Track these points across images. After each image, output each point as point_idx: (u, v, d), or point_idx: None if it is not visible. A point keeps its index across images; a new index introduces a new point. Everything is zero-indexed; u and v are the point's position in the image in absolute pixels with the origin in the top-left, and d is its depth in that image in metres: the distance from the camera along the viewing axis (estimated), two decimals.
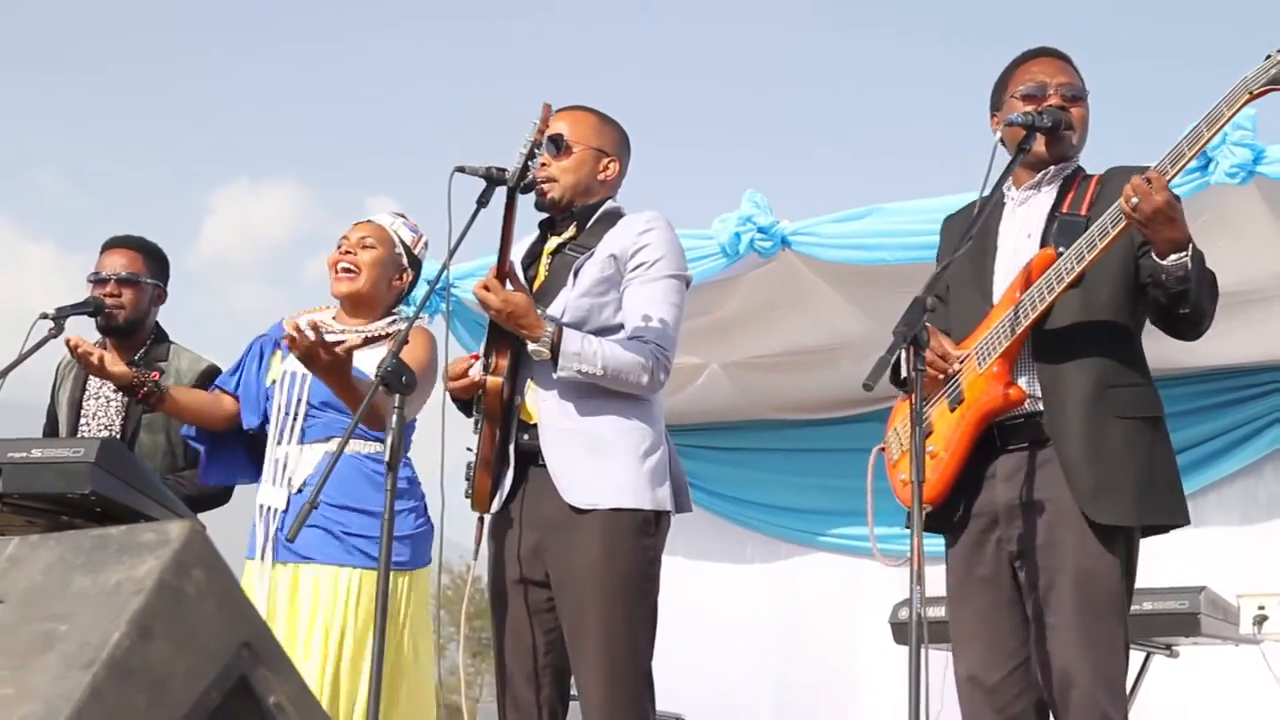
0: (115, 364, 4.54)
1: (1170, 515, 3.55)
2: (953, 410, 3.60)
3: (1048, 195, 3.70)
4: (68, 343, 4.60)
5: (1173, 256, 3.34)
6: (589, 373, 3.70)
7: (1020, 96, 3.69)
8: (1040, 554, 3.49)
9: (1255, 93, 3.24)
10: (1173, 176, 3.32)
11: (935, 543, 3.67)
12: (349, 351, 4.17)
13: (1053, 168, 3.70)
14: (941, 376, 3.62)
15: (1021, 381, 3.56)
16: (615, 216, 3.95)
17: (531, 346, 3.69)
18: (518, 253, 4.03)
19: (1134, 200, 3.27)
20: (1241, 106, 3.28)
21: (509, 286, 3.73)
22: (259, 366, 4.61)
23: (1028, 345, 3.56)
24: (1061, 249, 3.50)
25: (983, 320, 3.62)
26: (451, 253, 3.72)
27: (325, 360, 4.11)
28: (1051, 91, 3.67)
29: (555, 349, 3.67)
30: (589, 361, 3.69)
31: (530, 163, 3.62)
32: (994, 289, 3.67)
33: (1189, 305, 3.40)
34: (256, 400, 4.56)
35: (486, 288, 3.69)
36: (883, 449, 3.80)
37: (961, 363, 3.61)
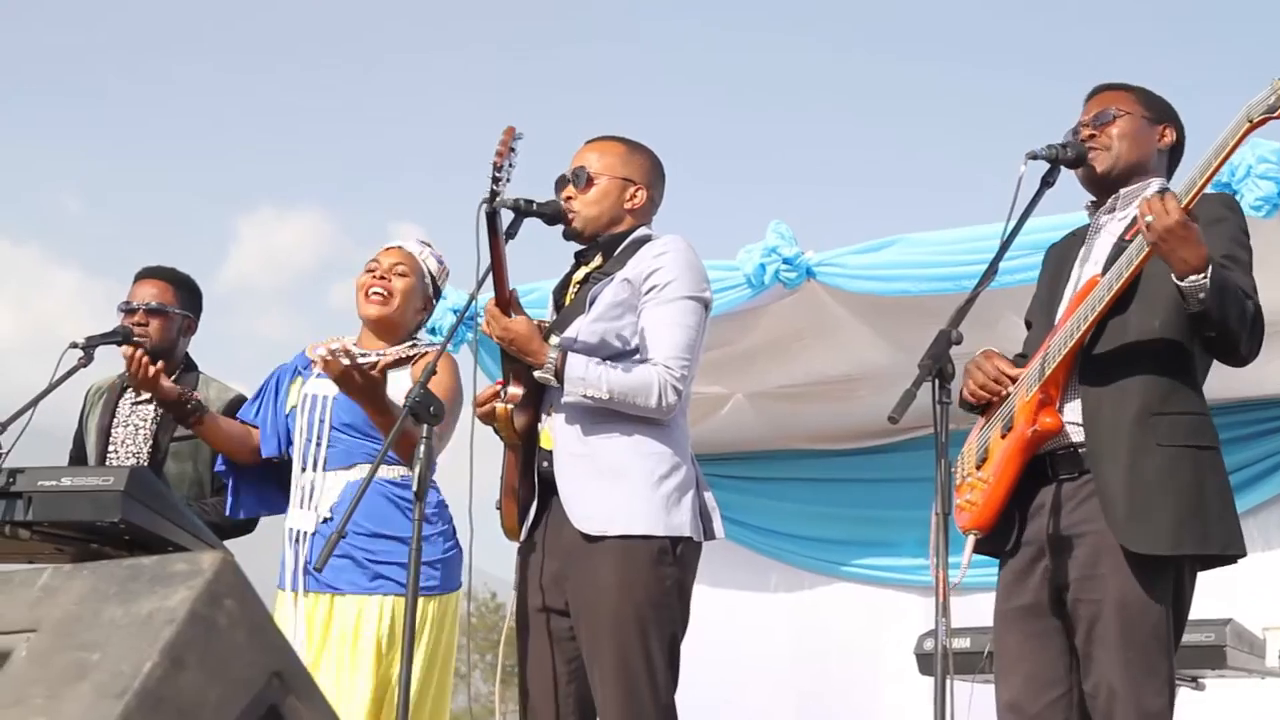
0: (165, 380, 4.58)
1: (1222, 545, 3.50)
2: (1003, 437, 3.60)
3: (1120, 222, 3.70)
4: (127, 353, 4.64)
5: (1191, 278, 3.31)
6: (595, 396, 3.70)
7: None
8: (1085, 586, 3.47)
9: (1255, 121, 3.24)
10: (1188, 204, 3.31)
11: (978, 574, 3.66)
12: (383, 371, 4.21)
13: (1122, 191, 3.71)
14: (996, 398, 3.64)
15: (1069, 408, 3.55)
16: (643, 243, 3.95)
17: (537, 374, 3.71)
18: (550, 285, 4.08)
19: (1148, 219, 3.28)
20: (1245, 135, 3.27)
21: (513, 315, 3.76)
22: (276, 395, 4.64)
23: (1075, 371, 3.55)
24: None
25: (1039, 347, 3.64)
26: (480, 283, 3.75)
27: (360, 383, 4.15)
28: (1084, 125, 3.72)
29: (559, 375, 3.70)
30: (594, 385, 3.70)
31: (496, 186, 3.62)
32: (1059, 317, 3.67)
33: (1213, 327, 3.38)
34: (274, 428, 4.59)
35: (490, 316, 3.74)
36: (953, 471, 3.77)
37: (1014, 388, 3.61)
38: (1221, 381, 3.67)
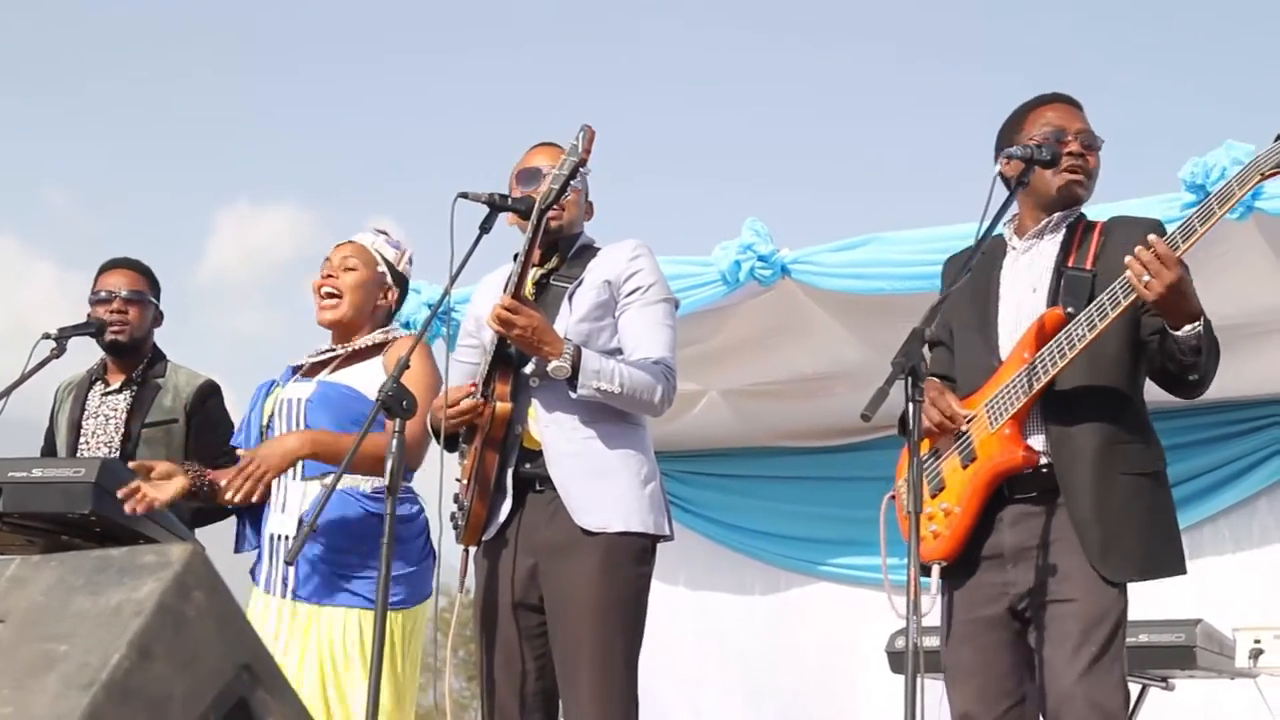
0: (171, 488, 4.39)
1: (1172, 568, 3.58)
2: (965, 467, 3.63)
3: (1051, 245, 3.70)
4: (129, 507, 4.43)
5: (1186, 328, 3.37)
6: (607, 390, 3.73)
7: (1039, 140, 3.68)
8: (1045, 593, 3.51)
9: (1267, 173, 3.29)
10: (1184, 250, 3.32)
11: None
12: (307, 443, 4.21)
13: (1057, 215, 3.70)
14: (951, 433, 3.66)
15: (1032, 441, 3.57)
16: (591, 247, 4.04)
17: (553, 364, 3.70)
18: (484, 283, 4.10)
19: (1146, 278, 3.29)
20: (1253, 186, 3.33)
21: None
22: (257, 411, 4.61)
23: (1039, 403, 3.57)
24: (1070, 309, 3.53)
25: (991, 377, 3.64)
26: (453, 278, 3.75)
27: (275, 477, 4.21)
28: (1070, 137, 3.67)
29: (575, 366, 3.70)
30: (608, 379, 3.73)
31: (574, 182, 3.69)
32: (999, 342, 3.68)
33: (1199, 373, 3.45)
34: (245, 429, 4.56)
35: (507, 308, 3.71)
36: (893, 496, 3.80)
37: (970, 421, 3.63)
38: None
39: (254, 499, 4.18)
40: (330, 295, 4.48)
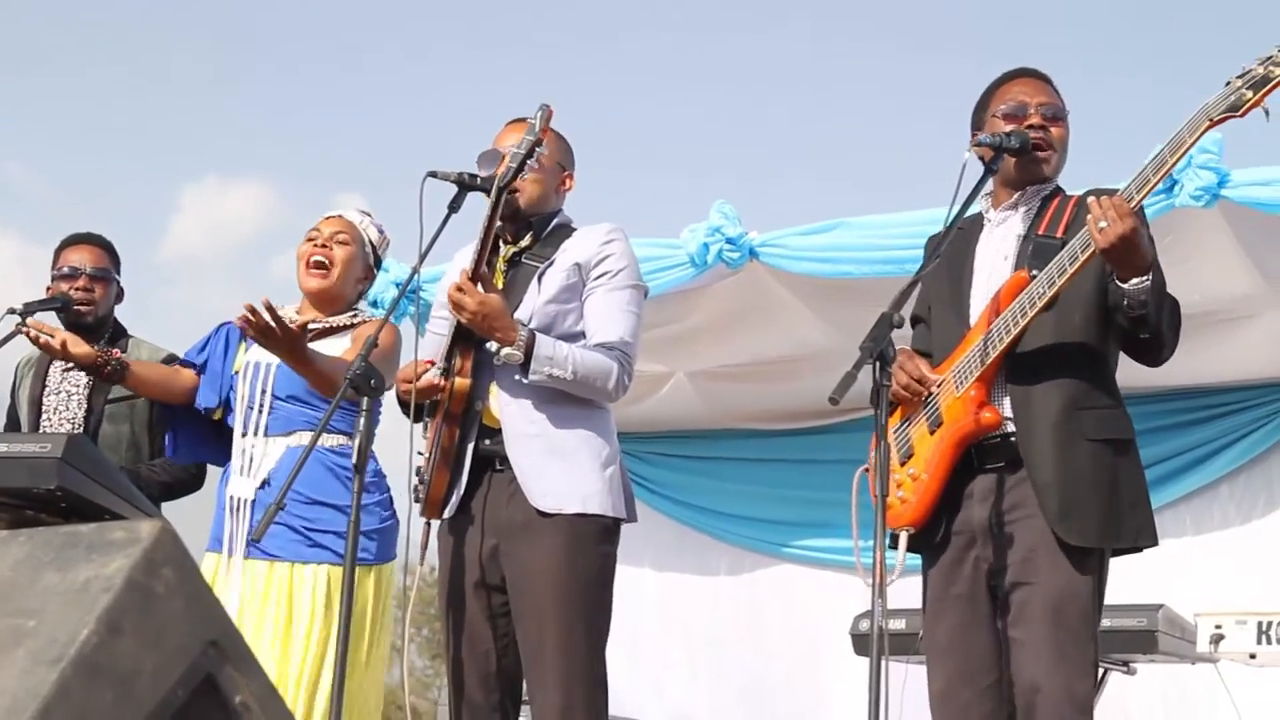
0: (78, 345, 4.55)
1: (1136, 537, 3.57)
2: (932, 433, 3.63)
3: (1024, 216, 3.72)
4: (27, 334, 4.61)
5: (1133, 281, 3.36)
6: (559, 377, 3.72)
7: (1001, 116, 3.71)
8: (1015, 571, 3.51)
9: (1215, 119, 3.26)
10: (1138, 202, 3.34)
11: (915, 556, 3.69)
12: (303, 328, 4.17)
13: (1030, 188, 3.72)
14: (920, 398, 3.66)
15: (1000, 406, 3.57)
16: (568, 228, 4.01)
17: (505, 350, 3.71)
18: (458, 257, 4.09)
19: (1101, 224, 3.30)
20: (1203, 133, 3.29)
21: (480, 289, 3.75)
22: (225, 350, 4.62)
23: (1004, 368, 3.58)
24: (1035, 272, 3.52)
25: (960, 343, 3.64)
26: (422, 257, 3.75)
27: (279, 337, 4.12)
28: (1032, 111, 3.69)
29: (528, 353, 3.70)
30: (560, 366, 3.72)
31: (530, 161, 3.68)
32: (970, 311, 3.69)
33: (1149, 330, 3.43)
34: (218, 381, 4.57)
35: (461, 289, 3.71)
36: (866, 469, 3.80)
37: (939, 386, 3.64)
38: (1161, 371, 3.70)
39: (253, 333, 4.16)
40: (319, 265, 4.50)
